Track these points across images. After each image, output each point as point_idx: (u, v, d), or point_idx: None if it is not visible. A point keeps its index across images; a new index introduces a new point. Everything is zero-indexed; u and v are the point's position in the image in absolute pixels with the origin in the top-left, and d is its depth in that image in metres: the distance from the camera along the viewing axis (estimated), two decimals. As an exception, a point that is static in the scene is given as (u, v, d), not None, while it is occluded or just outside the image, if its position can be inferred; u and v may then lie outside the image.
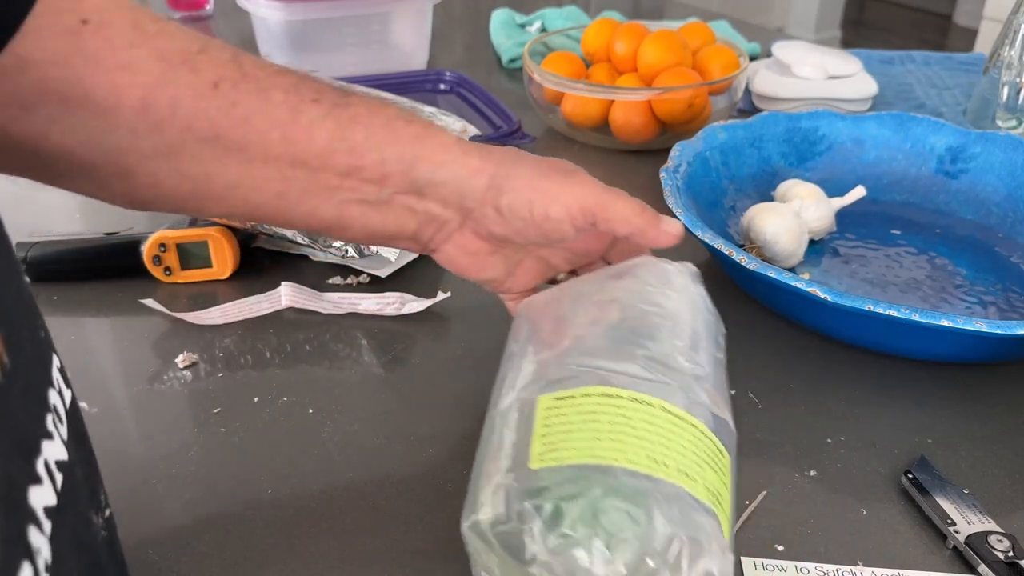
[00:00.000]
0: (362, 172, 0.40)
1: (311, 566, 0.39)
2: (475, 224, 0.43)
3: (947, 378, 0.52)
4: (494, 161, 0.42)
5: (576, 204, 0.42)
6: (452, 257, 0.45)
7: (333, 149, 0.39)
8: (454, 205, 0.42)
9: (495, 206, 0.42)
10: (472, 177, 0.42)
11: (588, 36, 0.88)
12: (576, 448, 0.31)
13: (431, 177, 0.41)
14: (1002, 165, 0.67)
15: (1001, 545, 0.39)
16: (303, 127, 0.38)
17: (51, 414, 0.24)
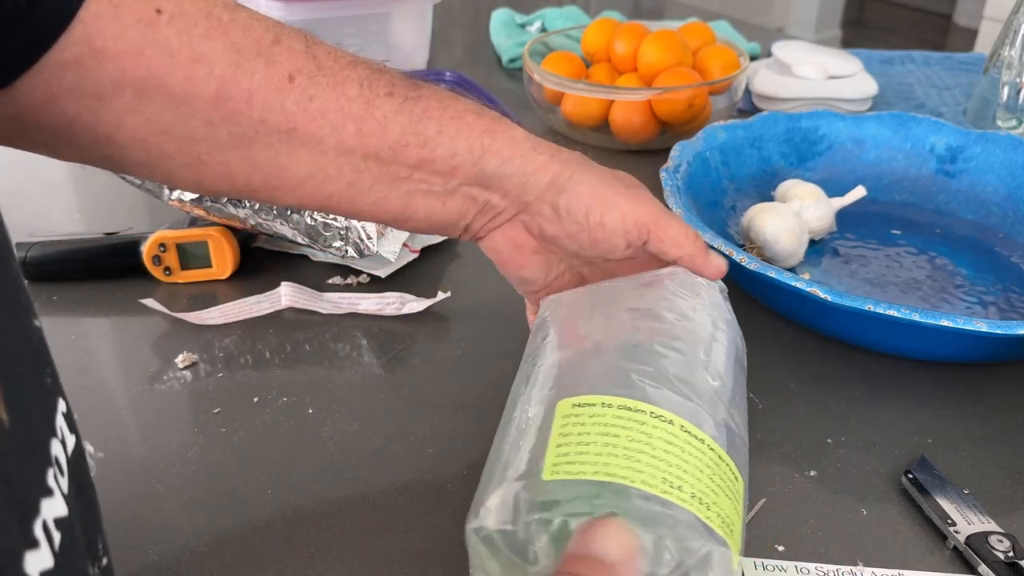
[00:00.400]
0: (432, 164, 0.40)
1: (311, 566, 0.39)
2: (528, 218, 0.43)
3: (947, 378, 0.52)
4: (561, 161, 0.42)
5: (632, 218, 0.42)
6: (498, 246, 0.45)
7: (406, 143, 0.39)
8: (513, 196, 0.43)
9: (552, 204, 0.42)
10: (537, 172, 0.42)
11: (588, 36, 0.88)
12: (591, 463, 0.31)
13: (498, 170, 0.41)
14: (1002, 165, 0.67)
15: (1001, 545, 0.39)
16: (377, 121, 0.39)
17: (52, 468, 0.23)
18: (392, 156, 0.40)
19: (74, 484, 0.25)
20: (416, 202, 0.42)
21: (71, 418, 0.26)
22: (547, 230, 0.43)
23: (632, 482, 0.30)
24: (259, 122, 0.37)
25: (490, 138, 0.41)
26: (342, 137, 0.38)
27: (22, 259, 0.59)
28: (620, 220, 0.42)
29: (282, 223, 0.59)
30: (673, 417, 0.32)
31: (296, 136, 0.38)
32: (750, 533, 0.41)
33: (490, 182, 0.42)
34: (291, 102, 0.37)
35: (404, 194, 0.41)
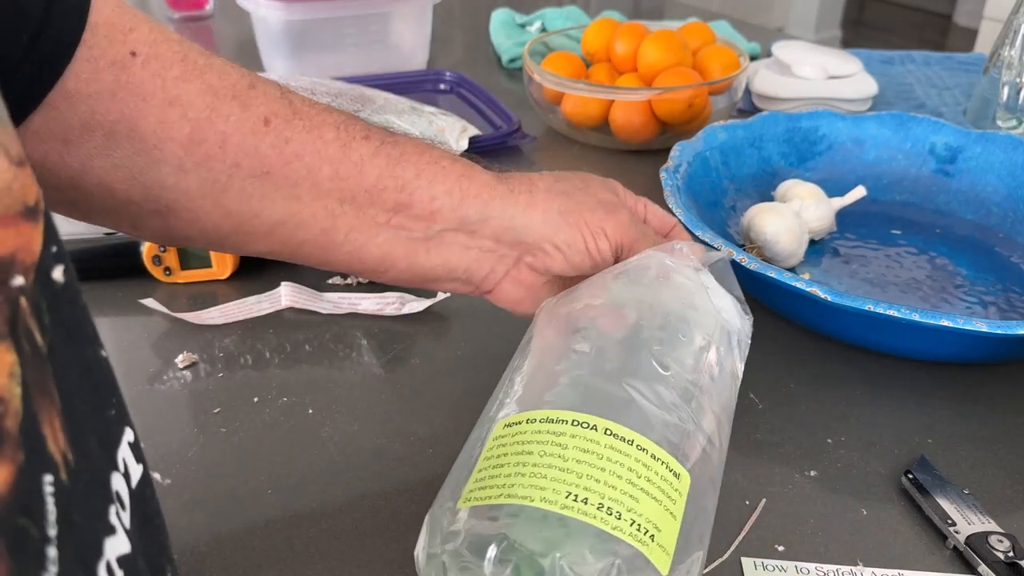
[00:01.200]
0: (411, 209, 0.40)
1: (311, 567, 0.39)
2: (532, 259, 0.43)
3: (947, 378, 0.52)
4: (541, 196, 0.43)
5: (616, 239, 0.43)
6: (509, 293, 0.45)
7: (383, 186, 0.39)
8: (508, 241, 0.42)
9: (553, 243, 0.42)
10: (526, 212, 0.42)
11: (588, 36, 0.88)
12: (498, 486, 0.31)
13: (481, 213, 0.41)
14: (1002, 165, 0.67)
15: (1001, 545, 0.39)
16: (354, 163, 0.38)
17: (114, 505, 0.22)
18: (369, 200, 0.39)
19: (138, 516, 0.24)
20: (396, 250, 0.41)
21: (138, 448, 0.25)
22: (553, 268, 0.43)
23: (532, 501, 0.30)
24: (232, 166, 0.36)
25: (467, 182, 0.41)
26: (318, 180, 0.38)
27: (22, 259, 0.59)
28: (610, 244, 0.43)
29: (282, 223, 0.59)
30: (597, 421, 0.32)
31: (270, 180, 0.37)
32: (750, 533, 0.41)
33: (475, 227, 0.41)
34: (266, 145, 0.36)
35: (382, 242, 0.40)
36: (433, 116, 0.74)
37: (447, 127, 0.73)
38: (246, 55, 1.04)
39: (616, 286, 0.40)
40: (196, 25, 1.21)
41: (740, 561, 0.40)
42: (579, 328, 0.38)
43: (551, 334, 0.39)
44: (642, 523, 0.30)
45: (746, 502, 0.43)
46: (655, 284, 0.40)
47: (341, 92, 0.72)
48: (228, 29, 1.19)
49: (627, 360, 0.35)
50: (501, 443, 0.33)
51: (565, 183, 0.44)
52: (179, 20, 1.21)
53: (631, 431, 0.32)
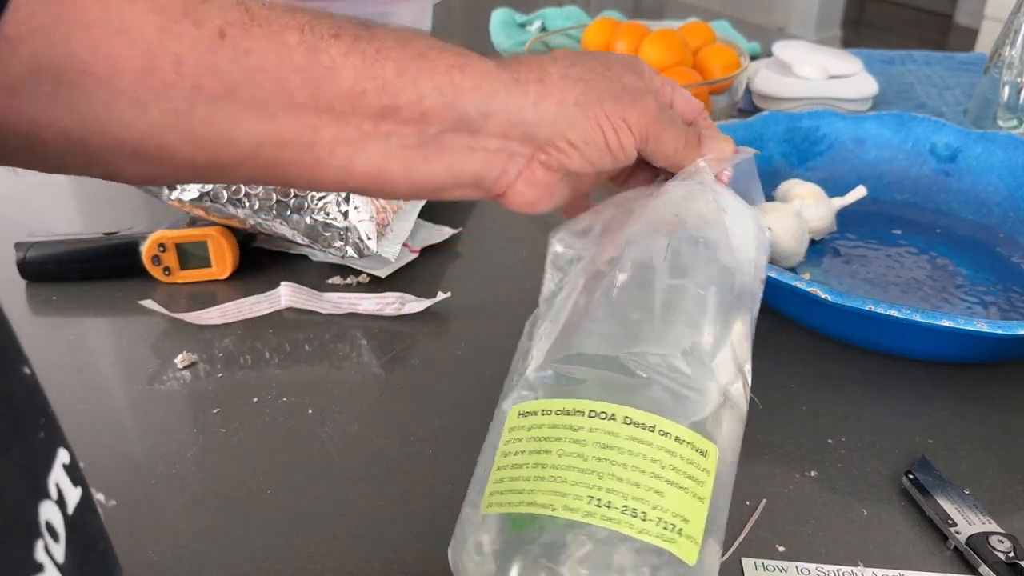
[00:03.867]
0: (399, 113, 0.36)
1: (311, 566, 0.39)
2: (547, 157, 0.39)
3: (948, 378, 0.52)
4: (556, 86, 0.38)
5: (639, 130, 0.39)
6: (522, 195, 0.41)
7: (362, 90, 0.35)
8: (519, 137, 0.38)
9: (568, 139, 0.38)
10: (538, 104, 0.38)
11: (588, 36, 0.88)
12: (519, 490, 0.30)
13: (483, 108, 0.37)
14: (1003, 165, 0.67)
15: (1002, 546, 0.39)
16: (325, 68, 0.34)
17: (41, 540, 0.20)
18: (350, 107, 0.35)
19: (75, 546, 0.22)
20: (390, 161, 0.37)
21: (76, 469, 0.23)
22: (570, 166, 0.40)
23: (554, 510, 0.29)
24: (193, 90, 0.32)
25: (461, 74, 0.37)
26: (288, 92, 0.34)
27: (22, 259, 0.59)
28: (634, 137, 0.39)
29: (282, 223, 0.59)
30: (615, 409, 0.31)
31: (236, 99, 0.33)
32: (751, 533, 0.41)
33: (478, 125, 0.37)
34: (225, 61, 0.33)
35: (373, 153, 0.36)
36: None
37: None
38: (246, 55, 1.03)
39: (636, 231, 0.38)
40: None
41: (740, 561, 0.40)
42: (596, 289, 0.36)
43: (564, 296, 0.37)
44: (668, 519, 0.29)
45: (747, 502, 0.43)
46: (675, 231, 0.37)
47: (341, 92, 0.72)
48: (228, 29, 1.19)
49: (645, 326, 0.34)
50: (517, 437, 0.32)
51: (582, 67, 0.40)
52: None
53: (651, 415, 0.31)
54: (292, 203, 0.58)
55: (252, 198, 0.58)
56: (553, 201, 0.42)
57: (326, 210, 0.58)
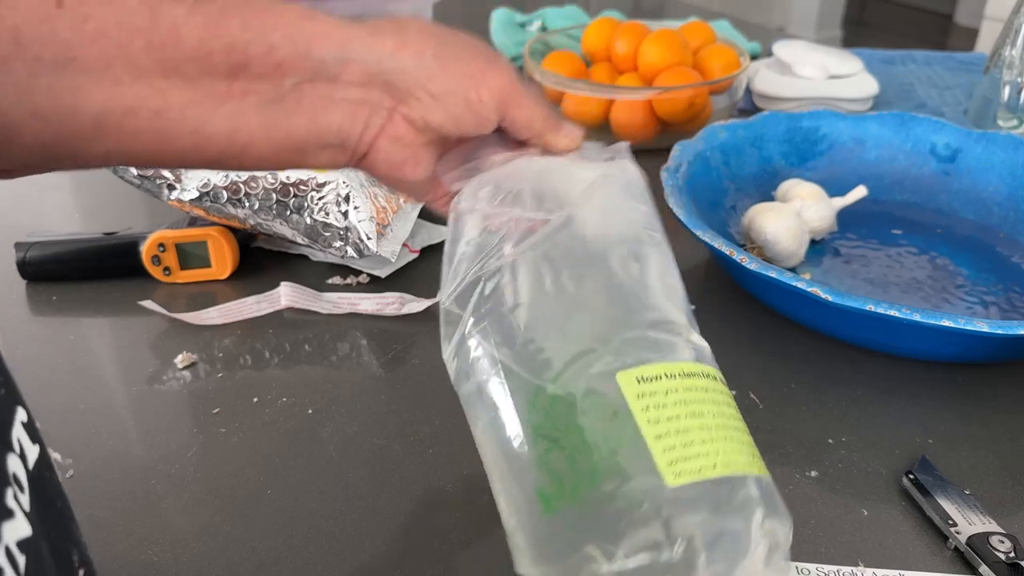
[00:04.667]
0: (249, 68, 0.35)
1: (311, 566, 0.39)
2: (408, 109, 0.38)
3: (948, 378, 0.52)
4: (413, 38, 0.38)
5: (498, 92, 0.39)
6: (388, 154, 0.39)
7: (208, 49, 0.34)
8: (380, 85, 0.37)
9: (429, 90, 0.38)
10: (396, 54, 0.37)
11: (588, 35, 0.88)
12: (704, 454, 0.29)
13: (340, 55, 0.36)
14: (1003, 165, 0.67)
15: (1002, 546, 0.39)
16: (167, 29, 0.33)
17: (11, 488, 0.21)
18: (198, 69, 0.34)
19: (38, 499, 0.24)
20: (248, 120, 0.35)
21: (33, 428, 0.24)
22: (431, 119, 0.38)
23: (747, 469, 0.30)
24: (34, 61, 0.31)
25: (311, 23, 0.36)
26: (132, 56, 0.33)
27: (22, 259, 0.59)
28: (492, 95, 0.39)
29: (282, 223, 0.59)
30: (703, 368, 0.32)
31: (78, 67, 0.32)
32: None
33: (336, 71, 0.36)
34: (64, 28, 0.31)
35: (228, 113, 0.35)
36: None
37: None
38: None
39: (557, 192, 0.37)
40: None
41: (741, 562, 0.40)
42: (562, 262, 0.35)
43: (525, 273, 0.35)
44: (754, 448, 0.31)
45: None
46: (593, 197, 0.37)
47: (341, 92, 0.72)
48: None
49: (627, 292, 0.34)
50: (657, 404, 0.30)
51: (437, 28, 0.39)
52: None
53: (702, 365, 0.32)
54: (292, 203, 0.58)
55: (252, 198, 0.58)
56: (419, 167, 0.40)
57: (326, 210, 0.58)
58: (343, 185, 0.58)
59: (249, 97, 0.35)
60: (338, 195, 0.58)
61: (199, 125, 0.35)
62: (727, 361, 0.53)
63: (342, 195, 0.58)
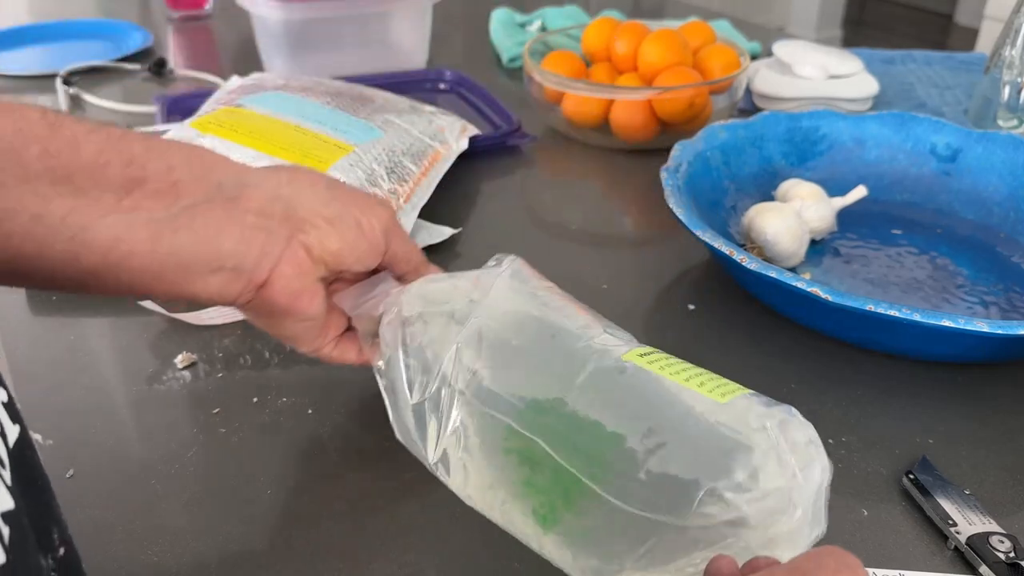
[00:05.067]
0: (146, 184, 0.34)
1: (311, 566, 0.39)
2: (306, 237, 0.38)
3: (948, 378, 0.52)
4: (304, 176, 0.40)
5: (382, 225, 0.41)
6: (287, 283, 0.38)
7: (105, 161, 0.33)
8: (279, 213, 0.37)
9: (324, 217, 0.39)
10: (292, 183, 0.38)
11: (588, 35, 0.88)
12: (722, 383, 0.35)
13: (239, 180, 0.37)
14: (1003, 165, 0.67)
15: (1002, 546, 0.39)
16: (67, 139, 0.33)
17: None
18: (91, 180, 0.33)
19: (20, 476, 0.24)
20: (134, 231, 0.34)
21: (13, 407, 0.25)
22: (329, 245, 0.39)
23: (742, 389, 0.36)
24: None
25: (211, 155, 0.37)
26: (23, 161, 0.32)
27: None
28: (381, 225, 0.41)
29: (282, 223, 0.59)
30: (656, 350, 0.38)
31: None
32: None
33: (234, 195, 0.36)
34: None
35: (114, 223, 0.33)
36: (433, 116, 0.74)
37: (447, 127, 0.73)
38: (246, 55, 1.04)
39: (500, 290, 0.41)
40: (196, 25, 1.21)
41: (741, 562, 0.40)
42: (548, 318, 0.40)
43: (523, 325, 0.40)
44: None
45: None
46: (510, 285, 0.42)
47: (341, 92, 0.72)
48: (228, 29, 1.19)
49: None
50: (661, 366, 0.36)
51: (323, 173, 0.42)
52: (179, 20, 1.21)
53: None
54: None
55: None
56: (316, 302, 0.40)
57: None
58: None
59: (139, 212, 0.34)
60: (338, 195, 0.58)
61: (78, 231, 0.33)
62: (727, 361, 0.54)
63: (342, 195, 0.58)
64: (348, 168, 0.60)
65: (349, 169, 0.60)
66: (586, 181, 0.79)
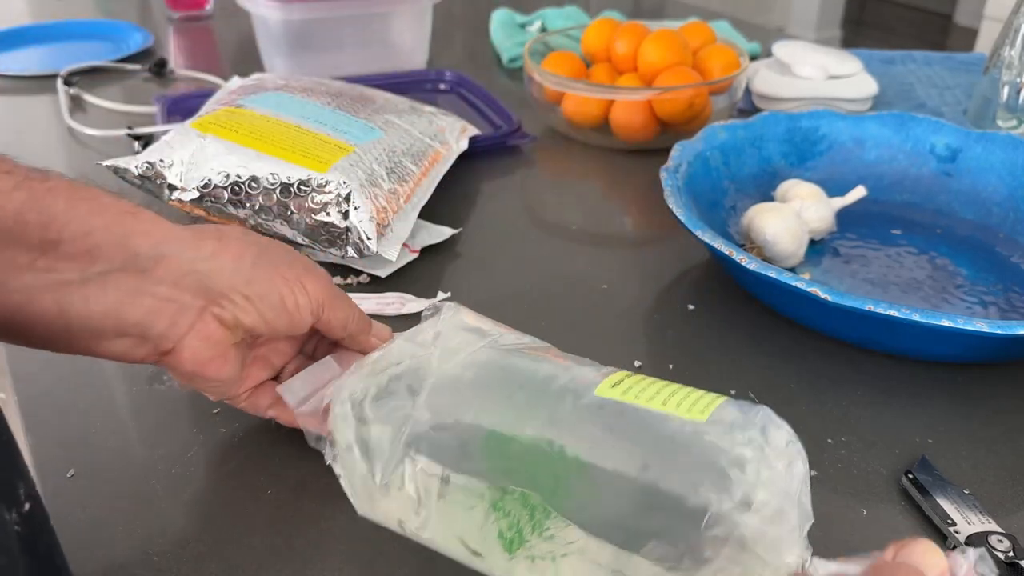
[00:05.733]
0: (61, 247, 0.34)
1: (311, 566, 0.39)
2: (220, 310, 0.38)
3: (947, 378, 0.52)
4: (233, 244, 0.39)
5: (316, 297, 0.41)
6: (194, 352, 0.38)
7: (24, 221, 0.33)
8: (192, 287, 0.37)
9: (244, 293, 0.38)
10: (213, 257, 0.38)
11: (588, 36, 0.88)
12: (697, 398, 0.34)
13: (156, 251, 0.36)
14: (1003, 165, 0.67)
15: (1001, 545, 0.39)
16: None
17: None
18: (7, 238, 0.33)
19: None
20: (42, 295, 0.34)
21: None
22: (245, 320, 0.39)
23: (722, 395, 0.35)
24: None
25: (134, 219, 0.36)
26: None
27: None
28: (309, 300, 0.40)
29: (282, 223, 0.59)
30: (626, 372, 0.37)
31: None
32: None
33: (148, 267, 0.36)
34: None
35: (22, 286, 0.34)
36: (433, 116, 0.74)
37: (447, 127, 0.73)
38: (246, 55, 1.04)
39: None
40: (196, 25, 1.21)
41: (740, 561, 0.40)
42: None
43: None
44: None
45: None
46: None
47: (341, 92, 0.72)
48: (228, 29, 1.19)
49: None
50: (638, 390, 0.35)
51: (257, 236, 0.42)
52: (179, 20, 1.21)
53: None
54: (293, 203, 0.58)
55: (253, 198, 0.58)
56: (227, 367, 0.40)
57: (327, 211, 0.58)
58: (343, 185, 0.58)
59: (52, 274, 0.34)
60: (339, 195, 0.58)
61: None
62: (727, 361, 0.54)
63: (343, 195, 0.58)
64: (348, 168, 0.60)
65: (349, 169, 0.60)
66: (586, 181, 0.80)
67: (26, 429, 0.47)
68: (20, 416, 0.48)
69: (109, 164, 0.62)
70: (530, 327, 0.56)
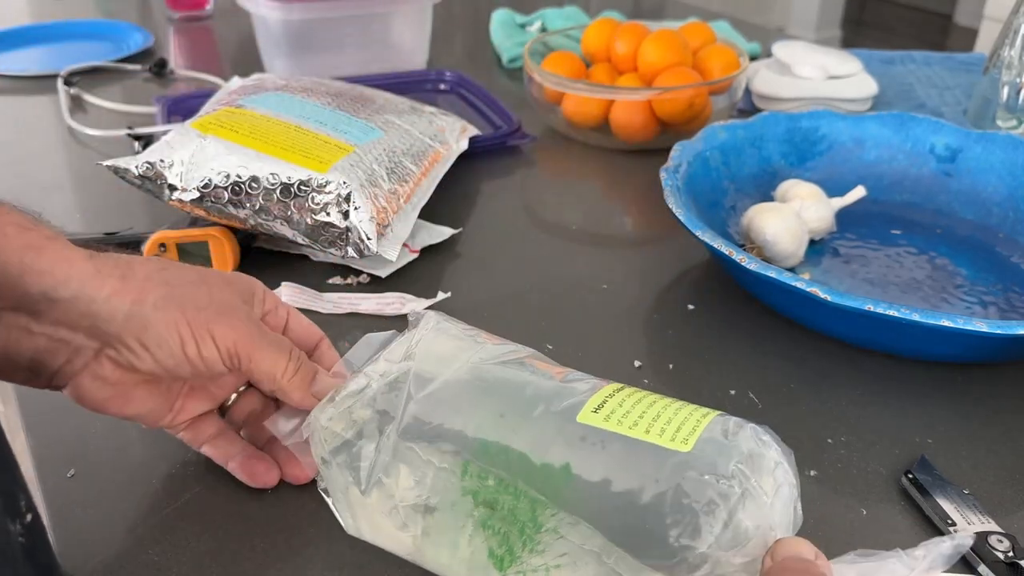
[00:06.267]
0: None
1: (311, 566, 0.39)
2: (115, 353, 0.37)
3: (947, 378, 0.52)
4: (136, 284, 0.37)
5: (227, 344, 0.38)
6: (89, 391, 0.38)
7: None
8: (86, 329, 0.36)
9: (139, 339, 0.37)
10: (111, 299, 0.36)
11: (588, 36, 0.88)
12: (682, 421, 0.33)
13: (50, 294, 0.35)
14: (1002, 165, 0.67)
15: (1001, 545, 0.39)
16: None
17: None
18: None
19: None
20: None
21: None
22: (140, 366, 0.37)
23: (711, 414, 0.34)
24: None
25: (35, 255, 0.35)
26: None
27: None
28: (215, 349, 0.38)
29: (282, 223, 0.59)
30: (615, 384, 0.37)
31: None
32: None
33: (41, 309, 0.35)
34: None
35: None
36: (433, 116, 0.74)
37: (447, 127, 0.73)
38: (246, 55, 1.04)
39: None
40: (196, 25, 1.21)
41: (740, 561, 0.40)
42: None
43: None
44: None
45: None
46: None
47: (341, 92, 0.72)
48: (228, 29, 1.19)
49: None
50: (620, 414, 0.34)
51: (173, 274, 0.39)
52: (179, 20, 1.21)
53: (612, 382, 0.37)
54: (293, 203, 0.58)
55: (253, 198, 0.58)
56: (131, 405, 0.39)
57: (327, 211, 0.58)
58: (343, 185, 0.58)
59: None
60: (339, 195, 0.58)
61: None
62: (727, 361, 0.54)
63: (343, 195, 0.58)
64: (348, 168, 0.60)
65: (349, 169, 0.60)
66: (586, 181, 0.80)
67: (26, 429, 0.47)
68: (20, 416, 0.48)
69: (109, 164, 0.62)
70: (530, 327, 0.57)
